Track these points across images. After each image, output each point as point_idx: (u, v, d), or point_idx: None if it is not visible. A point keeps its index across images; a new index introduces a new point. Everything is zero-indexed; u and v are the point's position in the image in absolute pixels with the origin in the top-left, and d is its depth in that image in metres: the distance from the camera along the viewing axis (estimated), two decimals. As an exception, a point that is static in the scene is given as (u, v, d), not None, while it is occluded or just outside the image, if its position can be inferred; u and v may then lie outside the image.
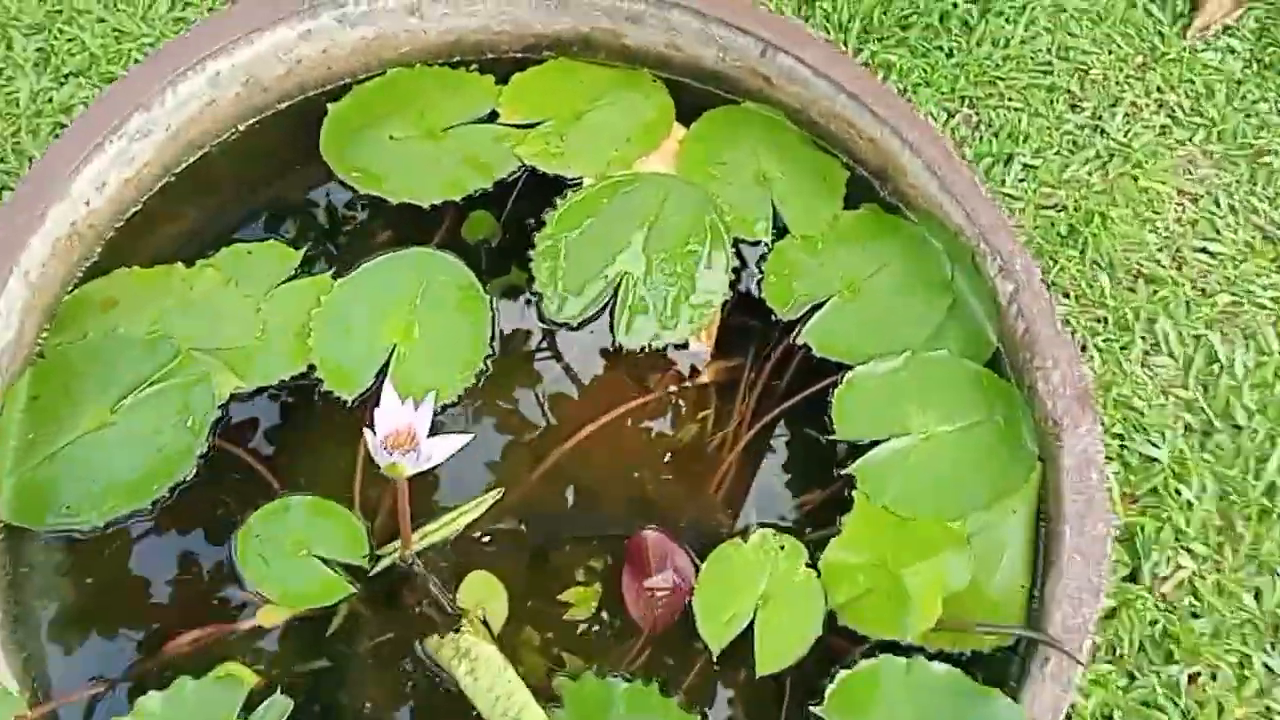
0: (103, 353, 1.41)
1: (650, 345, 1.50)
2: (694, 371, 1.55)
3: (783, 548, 1.36)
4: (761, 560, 1.34)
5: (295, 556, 1.28)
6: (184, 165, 1.54)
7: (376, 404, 1.14)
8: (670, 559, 1.36)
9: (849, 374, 1.41)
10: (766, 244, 1.54)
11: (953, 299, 1.46)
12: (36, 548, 1.29)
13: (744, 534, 1.38)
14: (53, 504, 1.34)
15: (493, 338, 1.50)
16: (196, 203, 1.61)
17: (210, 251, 1.51)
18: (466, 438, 1.16)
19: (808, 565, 1.28)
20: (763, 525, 1.40)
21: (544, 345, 1.54)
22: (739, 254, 1.53)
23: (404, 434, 1.13)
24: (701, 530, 1.42)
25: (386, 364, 1.40)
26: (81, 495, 1.33)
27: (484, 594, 1.33)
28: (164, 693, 1.16)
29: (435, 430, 1.18)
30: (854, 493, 1.35)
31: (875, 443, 1.38)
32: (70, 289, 1.47)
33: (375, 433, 1.13)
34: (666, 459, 1.43)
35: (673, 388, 1.48)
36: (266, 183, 1.64)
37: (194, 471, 1.31)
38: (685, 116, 1.62)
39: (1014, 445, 1.37)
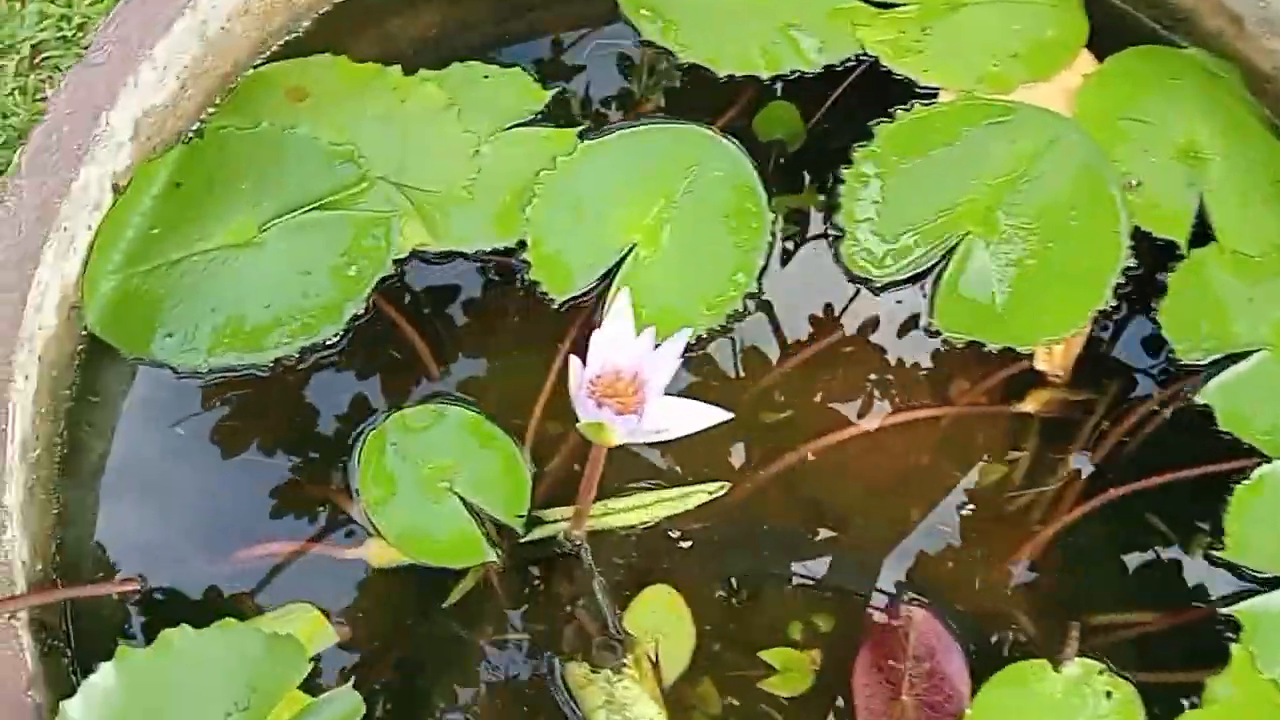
0: (272, 151, 1.10)
1: (972, 342, 1.05)
2: (1018, 394, 1.09)
3: (1110, 694, 0.91)
4: (1076, 704, 0.91)
5: (432, 488, 0.95)
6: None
7: (592, 322, 0.75)
8: (937, 658, 0.93)
9: (1261, 469, 0.96)
10: (1180, 248, 1.11)
11: None
12: (116, 374, 1.01)
13: (1056, 657, 0.93)
14: (154, 325, 1.02)
15: (763, 271, 1.08)
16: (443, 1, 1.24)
17: (438, 65, 1.15)
18: (724, 414, 0.76)
19: (1143, 733, 0.84)
20: (1086, 653, 0.94)
21: (827, 300, 1.12)
22: (1135, 251, 1.10)
23: (627, 383, 0.74)
24: (984, 627, 0.99)
25: (617, 268, 1.09)
26: (192, 324, 1.02)
27: (663, 620, 0.95)
28: (197, 633, 0.82)
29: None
30: (1232, 644, 0.88)
31: (1280, 582, 0.93)
32: (257, 63, 1.13)
33: (580, 368, 0.73)
34: (950, 504, 1.08)
35: (981, 406, 1.11)
36: (531, 4, 1.27)
37: (339, 335, 0.99)
38: (1098, 46, 1.22)
39: None
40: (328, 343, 1.04)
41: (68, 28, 1.49)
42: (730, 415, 0.76)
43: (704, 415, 0.75)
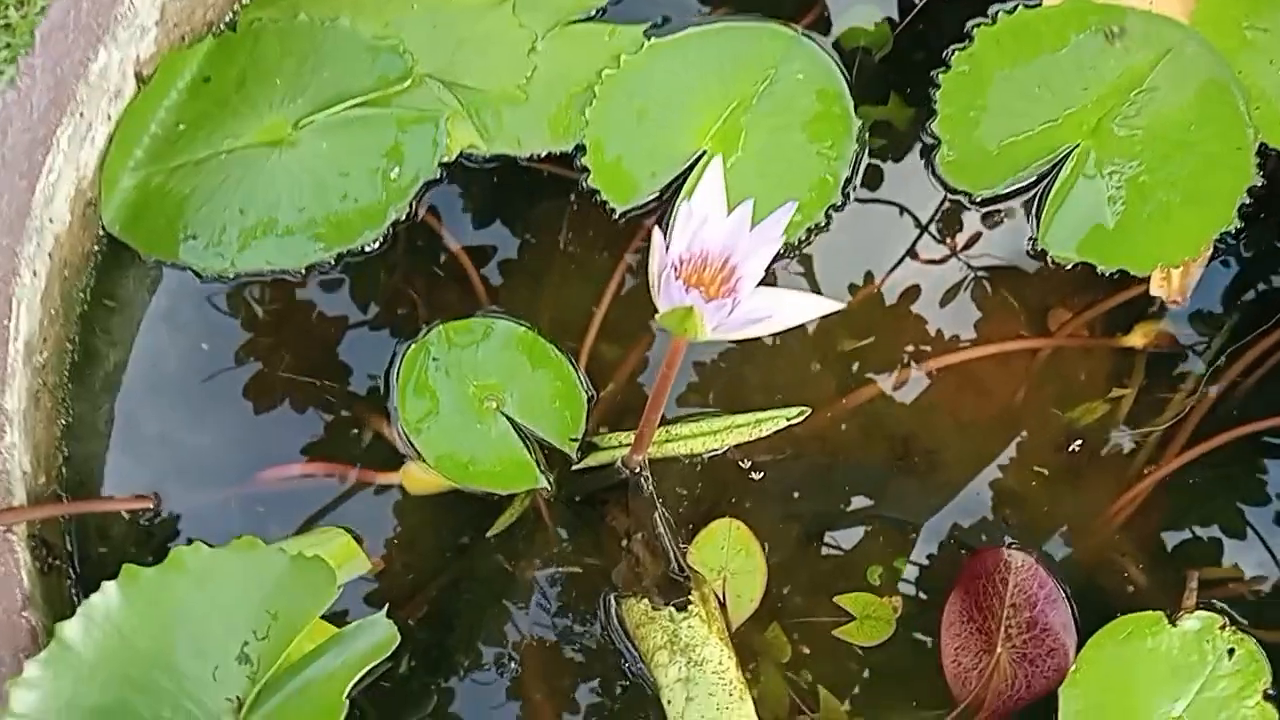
0: (310, 45, 1.01)
1: (1079, 267, 0.94)
2: (1123, 327, 0.98)
3: (1232, 652, 0.80)
4: (1195, 662, 0.80)
5: (478, 409, 0.87)
6: None
7: (661, 217, 0.66)
8: (1038, 607, 0.83)
9: None
10: (1313, 168, 0.95)
11: None
12: (136, 278, 0.92)
13: (1173, 609, 0.82)
14: (177, 226, 0.93)
15: (849, 181, 0.97)
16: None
17: (492, -44, 1.04)
18: (832, 304, 0.65)
19: (1268, 695, 0.72)
20: (1206, 605, 0.83)
21: (918, 215, 1.01)
22: (1263, 169, 0.99)
23: (715, 270, 0.63)
24: (1087, 575, 0.88)
25: (684, 177, 1.00)
26: (219, 226, 0.94)
27: (731, 557, 0.84)
28: (212, 551, 0.73)
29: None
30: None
31: None
32: (296, -51, 1.03)
33: (668, 249, 0.62)
34: (1048, 443, 0.98)
35: (1083, 339, 1.01)
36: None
37: (379, 242, 0.91)
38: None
39: None
40: (365, 249, 0.95)
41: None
42: (840, 305, 0.65)
43: (807, 305, 0.64)
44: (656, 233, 0.62)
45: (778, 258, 0.95)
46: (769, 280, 0.68)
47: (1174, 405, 0.99)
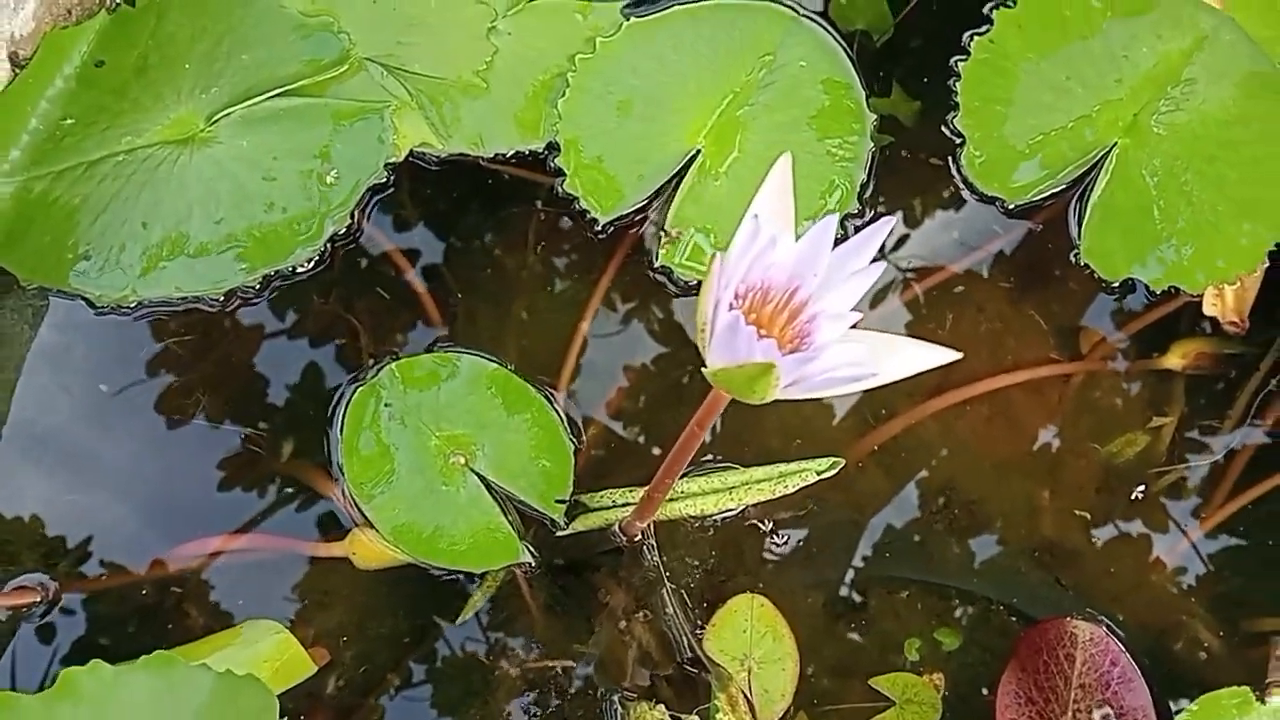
0: (226, 22, 0.86)
1: (1127, 281, 0.83)
2: (1160, 346, 0.87)
3: (1331, 736, 0.69)
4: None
5: (443, 467, 0.70)
6: None
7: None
8: (1111, 685, 0.71)
9: None
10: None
11: None
12: (14, 309, 0.79)
13: (1258, 683, 0.71)
14: (65, 245, 0.77)
15: (864, 188, 0.85)
16: None
17: (440, -80, 0.89)
18: (950, 354, 0.52)
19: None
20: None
21: (936, 224, 0.89)
22: None
23: (782, 298, 0.49)
24: (1150, 637, 0.77)
25: (676, 180, 0.85)
26: (118, 243, 0.80)
27: (755, 643, 0.71)
28: (117, 671, 0.56)
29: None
30: None
31: None
32: (206, -93, 0.86)
33: (724, 281, 0.47)
34: (1089, 485, 0.87)
35: (1117, 362, 0.90)
36: None
37: (314, 260, 0.72)
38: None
39: None
40: (297, 270, 0.79)
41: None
42: (959, 355, 0.52)
43: (917, 355, 0.51)
44: (719, 259, 0.47)
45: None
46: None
47: (1221, 435, 0.88)
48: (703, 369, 0.50)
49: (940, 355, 0.52)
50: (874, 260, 0.51)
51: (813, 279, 0.48)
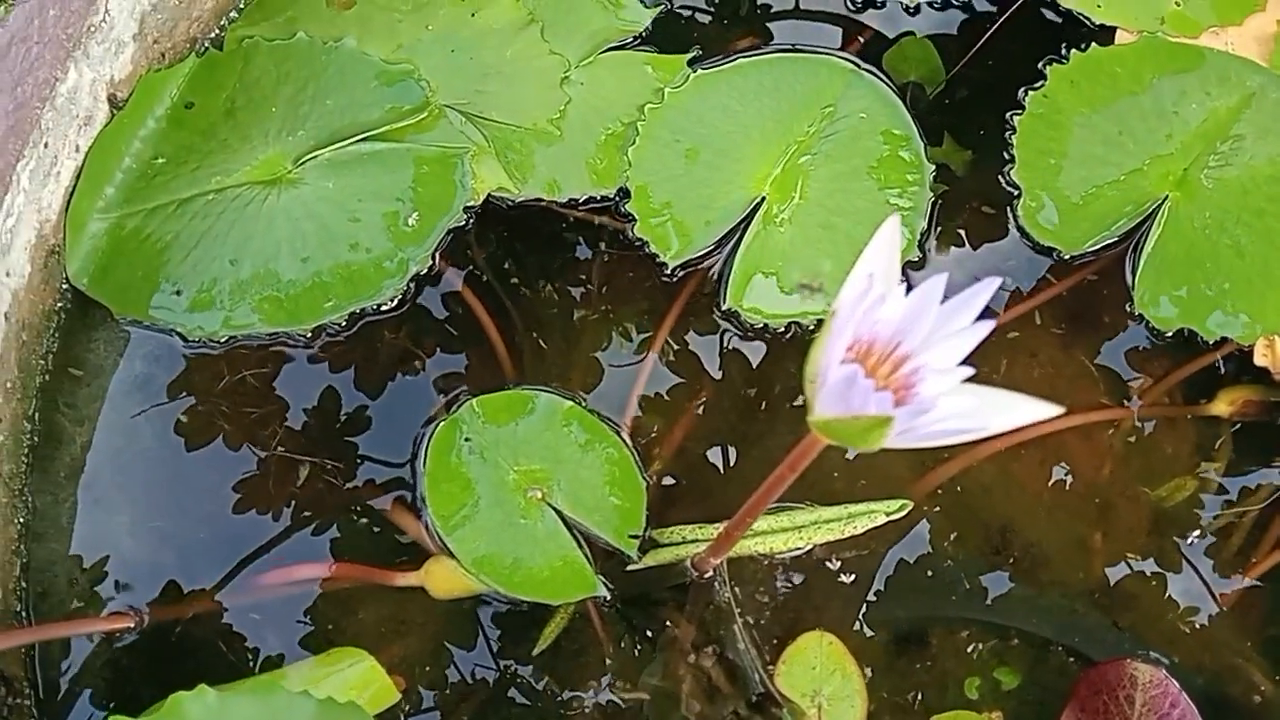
0: (311, 68, 0.89)
1: (1182, 331, 0.85)
2: (1207, 393, 0.90)
3: (1389, 778, 0.70)
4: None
5: (521, 500, 0.71)
6: None
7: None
8: (1177, 730, 0.72)
9: None
10: None
11: None
12: (107, 341, 0.78)
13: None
14: (157, 279, 0.80)
15: (925, 235, 0.87)
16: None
17: (517, -26, 0.93)
18: (1053, 408, 0.54)
19: None
20: (1354, 720, 0.75)
21: (991, 272, 0.90)
22: None
23: (885, 353, 0.51)
24: (1205, 682, 0.78)
25: (744, 226, 0.89)
26: (208, 279, 0.81)
27: (825, 679, 0.73)
28: (221, 696, 0.58)
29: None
30: None
31: None
32: (292, -40, 0.90)
33: (837, 335, 0.49)
34: (1141, 529, 0.88)
35: (1165, 407, 0.92)
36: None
37: (396, 299, 0.73)
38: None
39: None
40: (382, 308, 0.82)
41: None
42: (1063, 409, 0.54)
43: (1022, 408, 0.53)
44: (840, 310, 0.50)
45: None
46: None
47: (1270, 482, 0.90)
48: (808, 418, 0.52)
49: (1045, 410, 0.54)
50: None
51: (916, 335, 0.51)
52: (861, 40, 0.99)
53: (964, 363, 0.52)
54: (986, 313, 0.96)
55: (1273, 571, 0.87)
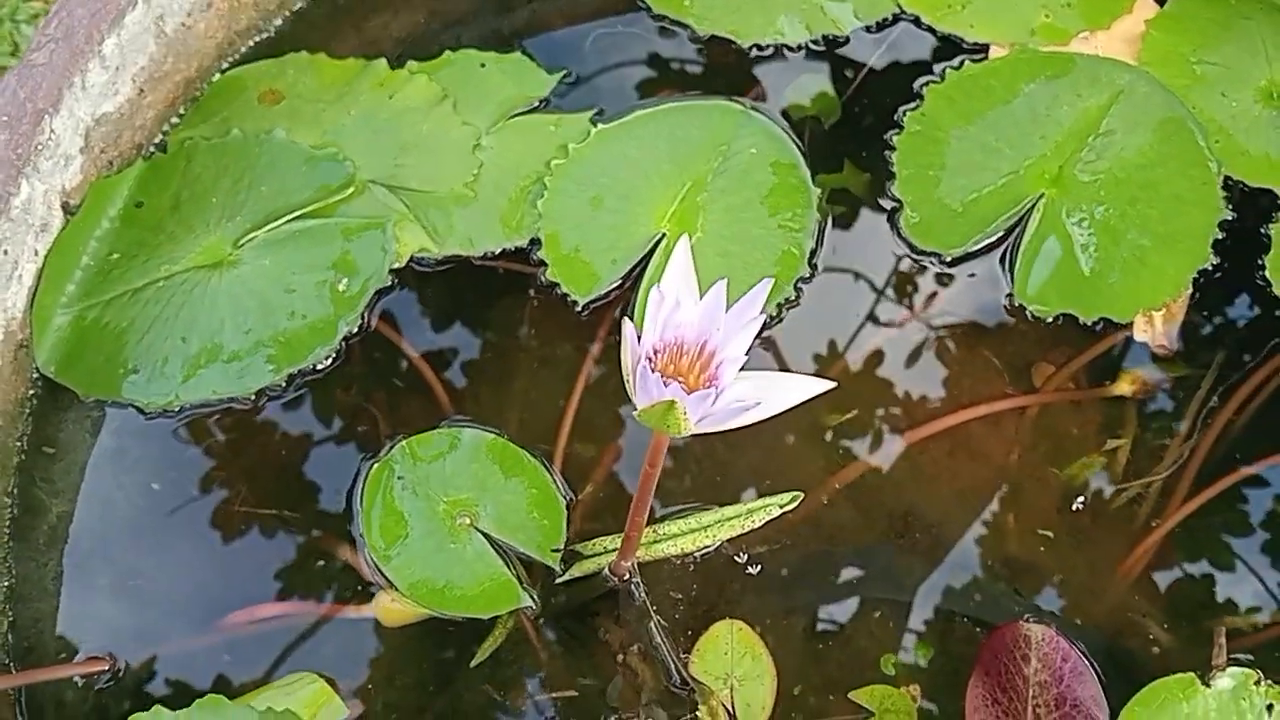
0: (245, 160, 0.97)
1: (1057, 319, 0.92)
2: (1111, 375, 0.95)
3: (1271, 708, 0.76)
4: (1237, 727, 0.74)
5: (450, 527, 0.80)
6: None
7: (627, 306, 0.63)
8: (1065, 682, 0.78)
9: None
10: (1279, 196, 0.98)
11: None
12: (76, 420, 0.86)
13: (1203, 668, 0.78)
14: (117, 362, 0.88)
15: (814, 252, 0.95)
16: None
17: (427, 55, 1.01)
18: (824, 384, 0.61)
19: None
20: (1236, 659, 0.79)
21: (888, 281, 0.98)
22: (1230, 202, 0.98)
23: (691, 358, 0.59)
24: (1108, 640, 0.84)
25: (645, 261, 0.97)
26: (160, 357, 0.89)
27: (736, 663, 0.79)
28: (174, 717, 0.66)
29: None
30: None
31: None
32: (226, 66, 0.99)
33: (640, 339, 0.58)
34: (1047, 504, 0.94)
35: (1070, 392, 0.98)
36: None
37: (331, 358, 0.83)
38: (1159, -11, 1.10)
39: None
40: (318, 367, 0.90)
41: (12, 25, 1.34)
42: (833, 384, 0.61)
43: (797, 387, 0.60)
44: (627, 324, 0.58)
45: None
46: (748, 361, 0.65)
47: (1171, 452, 0.95)
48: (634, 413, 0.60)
49: (818, 385, 0.61)
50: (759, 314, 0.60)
51: (717, 333, 0.58)
52: (762, 84, 1.07)
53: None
54: (876, 322, 1.02)
55: (1174, 534, 0.91)
